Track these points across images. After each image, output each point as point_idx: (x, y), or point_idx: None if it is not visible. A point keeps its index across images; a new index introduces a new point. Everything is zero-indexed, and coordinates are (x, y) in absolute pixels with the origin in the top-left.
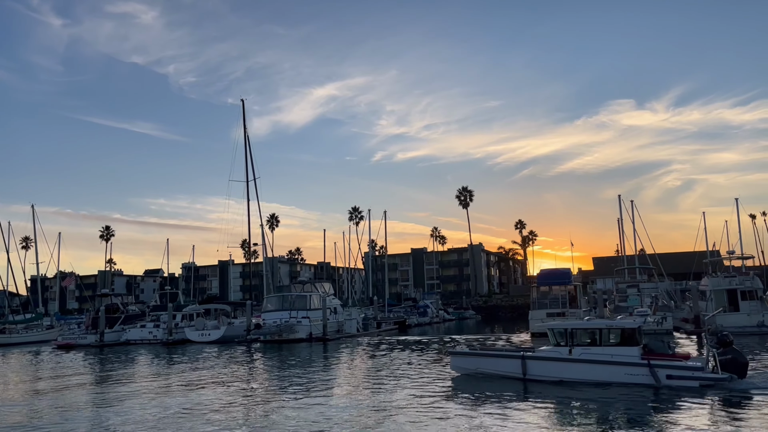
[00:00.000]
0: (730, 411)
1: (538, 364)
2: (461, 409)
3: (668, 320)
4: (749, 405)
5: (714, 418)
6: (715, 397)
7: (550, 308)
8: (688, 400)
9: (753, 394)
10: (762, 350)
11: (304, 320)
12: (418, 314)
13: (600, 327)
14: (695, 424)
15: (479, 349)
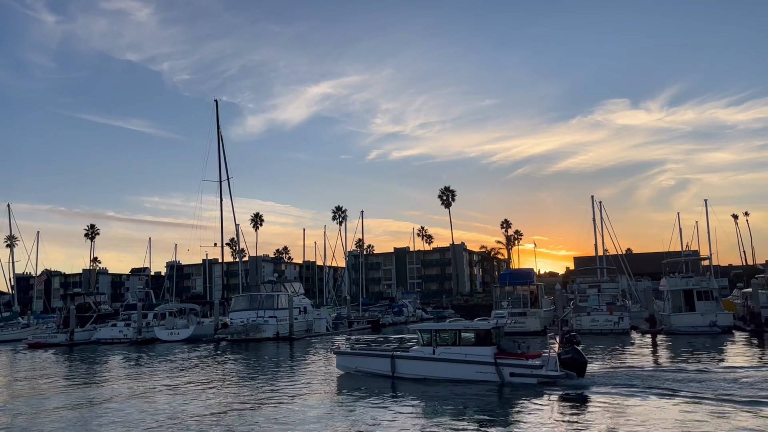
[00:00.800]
0: (559, 405)
1: (405, 363)
2: (327, 406)
3: (625, 320)
4: (576, 400)
5: (542, 412)
6: (550, 392)
7: (512, 308)
8: (526, 396)
9: (584, 391)
10: (702, 349)
11: (271, 320)
12: (393, 313)
13: (458, 328)
14: (526, 419)
15: (359, 348)
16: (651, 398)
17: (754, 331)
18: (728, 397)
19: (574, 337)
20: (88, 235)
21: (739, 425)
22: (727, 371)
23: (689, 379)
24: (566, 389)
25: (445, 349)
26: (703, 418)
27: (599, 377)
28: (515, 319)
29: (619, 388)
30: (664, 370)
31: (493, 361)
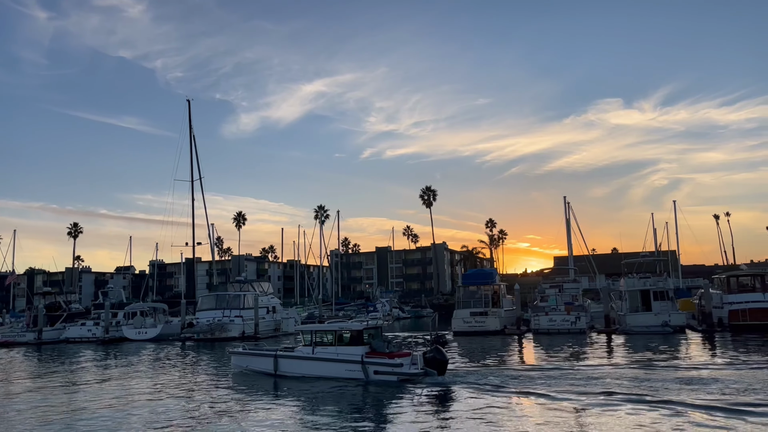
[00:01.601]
0: (415, 400)
1: (286, 362)
2: (211, 401)
3: (581, 320)
4: (431, 396)
5: (391, 408)
6: (411, 389)
7: (473, 308)
8: (386, 392)
9: (440, 387)
10: (622, 349)
11: (237, 319)
12: (367, 312)
13: (334, 329)
14: (384, 411)
15: (250, 348)
16: (495, 396)
17: (705, 331)
18: (574, 395)
19: (440, 338)
20: (71, 233)
21: (557, 420)
22: (593, 368)
23: (552, 377)
24: (425, 386)
25: (323, 349)
26: (527, 414)
27: (460, 375)
28: (476, 319)
29: (473, 386)
30: (539, 369)
31: (360, 360)
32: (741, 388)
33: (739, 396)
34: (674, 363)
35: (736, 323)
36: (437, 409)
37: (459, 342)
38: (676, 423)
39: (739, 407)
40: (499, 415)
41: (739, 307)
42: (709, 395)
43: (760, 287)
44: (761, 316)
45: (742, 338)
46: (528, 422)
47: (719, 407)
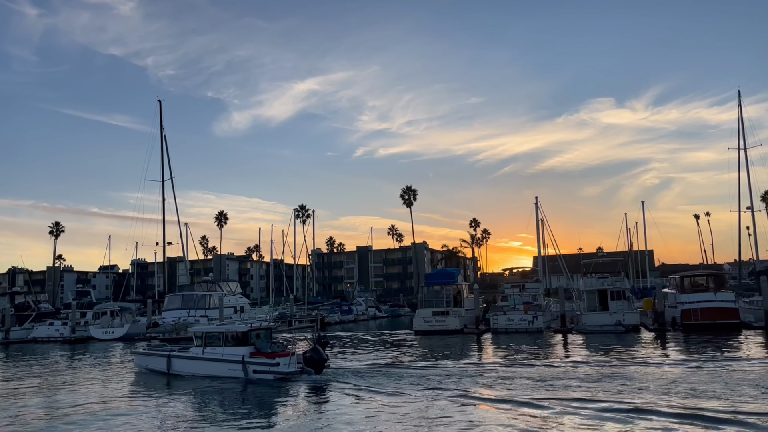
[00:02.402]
0: (289, 397)
1: (179, 361)
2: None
3: (538, 319)
4: (302, 392)
5: (272, 401)
6: (287, 386)
7: (435, 307)
8: (262, 389)
9: (314, 384)
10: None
11: (202, 319)
12: (341, 312)
13: (222, 331)
14: (257, 407)
15: (149, 348)
16: (359, 394)
17: (656, 330)
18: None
19: (322, 338)
20: (52, 232)
21: (412, 415)
22: (480, 366)
23: (430, 375)
24: (301, 384)
25: (212, 350)
26: (383, 410)
27: (338, 374)
28: (436, 318)
29: (347, 384)
30: (423, 367)
31: (242, 360)
32: (606, 387)
33: (594, 393)
34: (573, 362)
35: (688, 323)
36: (291, 406)
37: (416, 341)
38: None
39: (569, 405)
40: (344, 414)
41: (691, 307)
42: (556, 392)
43: (714, 287)
44: (712, 316)
45: (689, 337)
46: (371, 421)
47: (548, 406)
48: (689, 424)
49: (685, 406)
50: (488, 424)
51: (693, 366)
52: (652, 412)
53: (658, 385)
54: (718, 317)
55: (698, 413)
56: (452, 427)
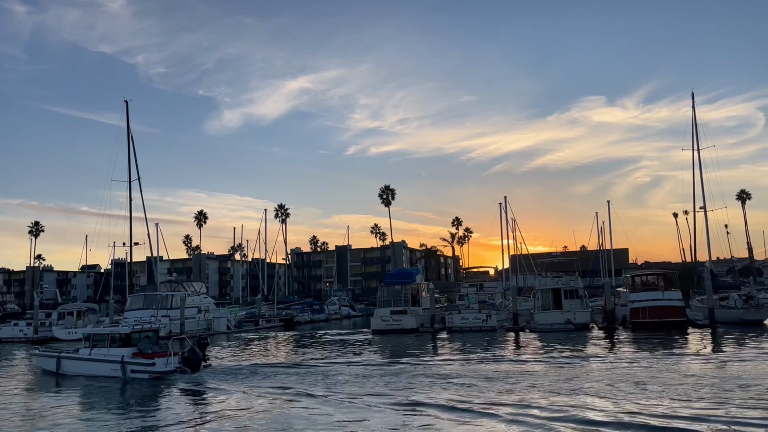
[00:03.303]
0: (162, 394)
1: (67, 362)
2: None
3: (492, 318)
4: (178, 390)
5: (146, 399)
6: (163, 385)
7: (393, 306)
8: (139, 387)
9: (187, 383)
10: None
11: (164, 319)
12: (311, 311)
13: (107, 332)
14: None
15: (43, 350)
16: (219, 391)
17: (605, 328)
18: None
19: (202, 339)
20: (32, 231)
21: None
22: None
23: (298, 373)
24: (177, 382)
25: (98, 350)
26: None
27: (217, 373)
28: (393, 318)
29: (217, 383)
30: (300, 366)
31: (121, 360)
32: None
33: (468, 393)
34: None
35: (636, 321)
36: (150, 403)
37: (368, 340)
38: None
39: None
40: (192, 408)
41: (640, 305)
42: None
43: (663, 286)
44: (660, 314)
45: (635, 334)
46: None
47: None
48: (553, 420)
49: (519, 404)
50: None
51: (609, 362)
52: (494, 406)
53: (530, 383)
54: (665, 315)
55: (569, 412)
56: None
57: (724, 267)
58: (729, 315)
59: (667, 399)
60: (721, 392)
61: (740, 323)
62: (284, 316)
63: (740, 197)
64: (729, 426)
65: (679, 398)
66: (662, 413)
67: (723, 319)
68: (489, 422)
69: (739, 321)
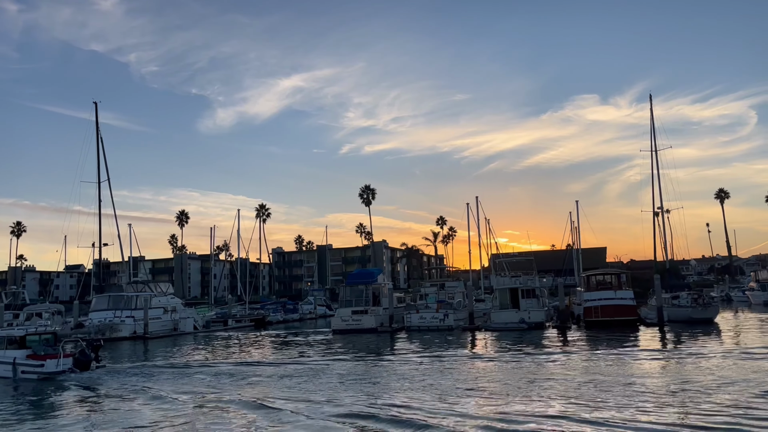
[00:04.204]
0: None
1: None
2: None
3: (449, 317)
4: (60, 389)
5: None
6: (52, 386)
7: (356, 306)
8: (23, 387)
9: (76, 384)
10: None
11: (128, 319)
12: (284, 311)
13: (4, 335)
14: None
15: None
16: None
17: (558, 327)
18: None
19: (94, 341)
20: (14, 231)
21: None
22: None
23: (172, 373)
24: (66, 383)
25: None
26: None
27: (110, 372)
28: (353, 318)
29: (99, 383)
30: (206, 366)
31: (12, 361)
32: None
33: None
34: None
35: (589, 319)
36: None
37: (324, 340)
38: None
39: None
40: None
41: (592, 304)
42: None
43: (616, 285)
44: (611, 313)
45: (586, 333)
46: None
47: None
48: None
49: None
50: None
51: (515, 360)
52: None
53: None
54: (616, 314)
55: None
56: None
57: (706, 265)
58: (679, 313)
59: (520, 397)
60: (581, 390)
61: (689, 321)
62: (255, 316)
63: (719, 196)
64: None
65: (540, 397)
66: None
67: (675, 318)
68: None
69: (688, 319)
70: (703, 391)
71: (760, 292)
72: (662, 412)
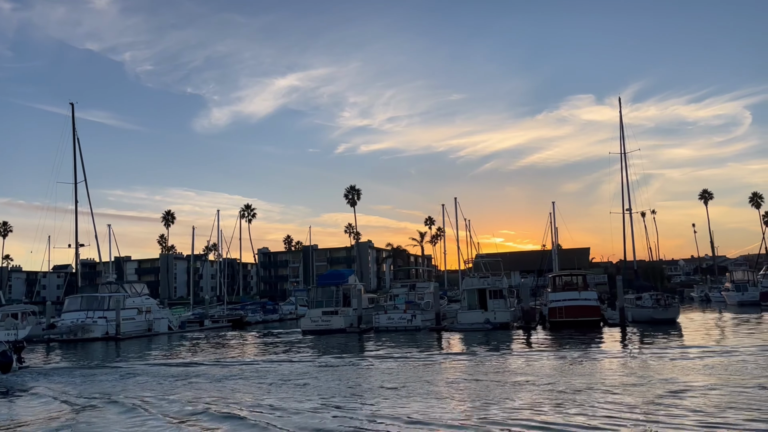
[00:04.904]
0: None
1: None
2: None
3: (417, 318)
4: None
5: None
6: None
7: (326, 307)
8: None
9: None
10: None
11: (100, 320)
12: (263, 311)
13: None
14: None
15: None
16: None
17: (522, 327)
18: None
19: (18, 344)
20: (0, 232)
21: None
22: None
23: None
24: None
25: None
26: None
27: (26, 374)
28: (322, 318)
29: (15, 384)
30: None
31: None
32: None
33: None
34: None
35: (553, 320)
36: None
37: (295, 341)
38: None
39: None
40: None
41: (557, 305)
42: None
43: (582, 286)
44: (575, 313)
45: (550, 333)
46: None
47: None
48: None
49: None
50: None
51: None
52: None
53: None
54: (580, 314)
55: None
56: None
57: (694, 265)
58: (641, 314)
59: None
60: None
61: (651, 322)
62: (233, 317)
63: (702, 197)
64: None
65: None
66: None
67: (638, 318)
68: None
69: (650, 320)
70: (604, 391)
71: (735, 293)
72: (537, 410)
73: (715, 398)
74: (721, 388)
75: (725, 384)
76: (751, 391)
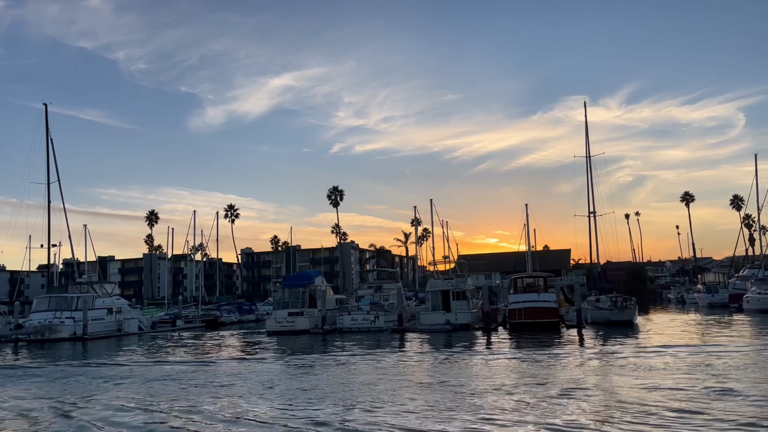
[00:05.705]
0: None
1: None
2: None
3: (380, 319)
4: None
5: None
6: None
7: (292, 308)
8: None
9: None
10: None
11: (68, 320)
12: (239, 311)
13: None
14: None
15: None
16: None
17: (482, 328)
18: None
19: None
20: None
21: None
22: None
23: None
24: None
25: None
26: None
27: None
28: (287, 319)
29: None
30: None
31: None
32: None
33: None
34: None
35: (513, 321)
36: None
37: (257, 341)
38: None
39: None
40: None
41: (516, 306)
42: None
43: (542, 288)
44: (534, 315)
45: (509, 334)
46: None
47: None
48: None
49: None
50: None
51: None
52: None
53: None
54: (539, 316)
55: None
56: None
57: (678, 266)
58: (599, 315)
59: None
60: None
61: (609, 323)
62: (207, 317)
63: (684, 199)
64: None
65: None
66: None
67: (597, 320)
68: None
69: (607, 321)
70: (505, 392)
71: (705, 294)
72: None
73: (597, 399)
74: (610, 389)
75: (620, 386)
76: (627, 392)
